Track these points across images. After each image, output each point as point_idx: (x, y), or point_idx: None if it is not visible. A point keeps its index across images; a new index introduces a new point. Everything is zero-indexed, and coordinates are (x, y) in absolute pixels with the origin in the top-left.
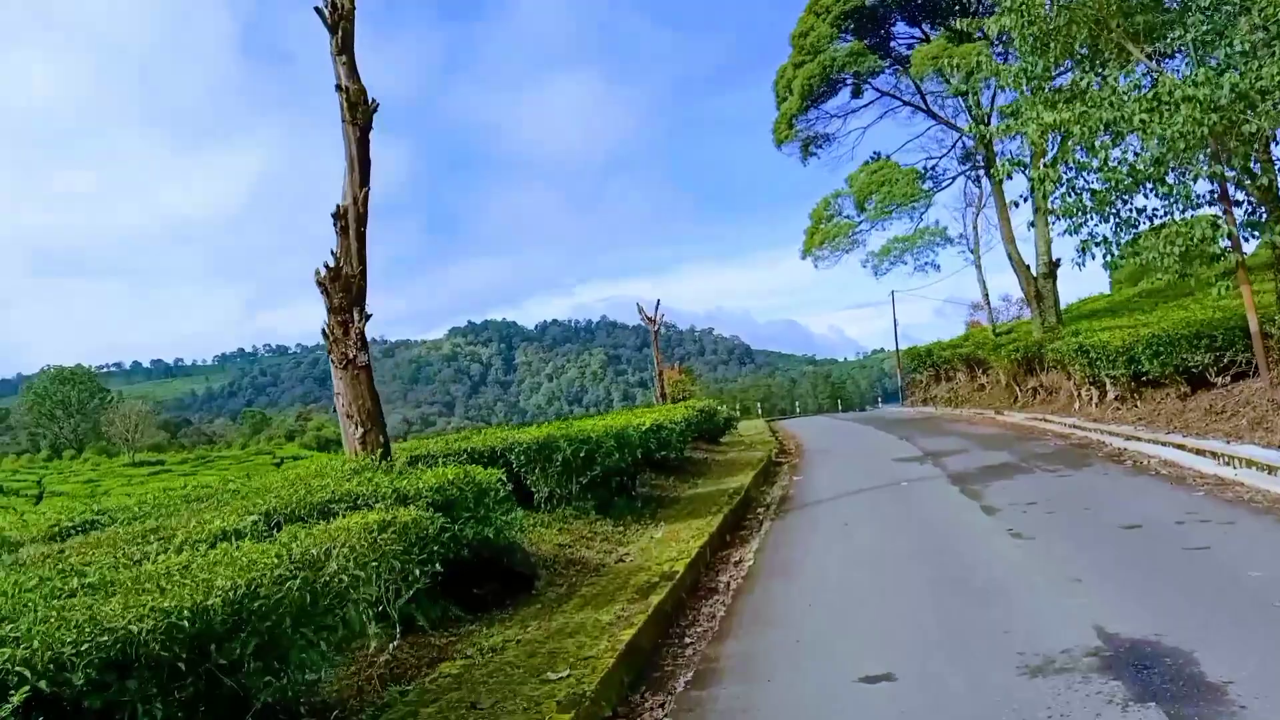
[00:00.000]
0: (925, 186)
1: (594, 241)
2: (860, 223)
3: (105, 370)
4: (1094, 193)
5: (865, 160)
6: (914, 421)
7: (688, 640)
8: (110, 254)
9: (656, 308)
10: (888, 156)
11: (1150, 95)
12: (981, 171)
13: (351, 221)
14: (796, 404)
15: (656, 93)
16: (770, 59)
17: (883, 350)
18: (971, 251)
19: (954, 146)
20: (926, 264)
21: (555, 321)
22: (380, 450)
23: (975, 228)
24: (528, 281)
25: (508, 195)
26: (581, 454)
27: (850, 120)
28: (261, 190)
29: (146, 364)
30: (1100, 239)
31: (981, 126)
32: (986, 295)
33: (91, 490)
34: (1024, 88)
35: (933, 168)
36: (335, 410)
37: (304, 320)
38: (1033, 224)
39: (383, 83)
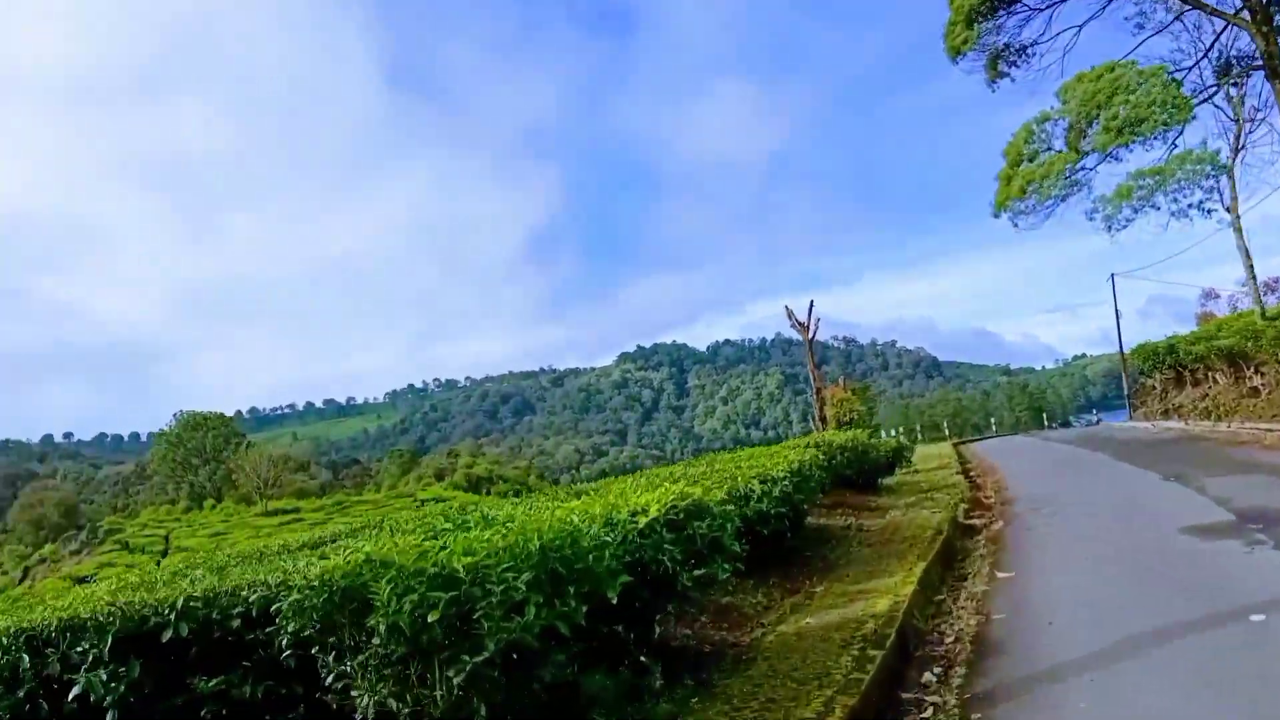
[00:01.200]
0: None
1: (763, 255)
2: (1084, 157)
3: (279, 413)
4: None
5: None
6: (1167, 445)
7: None
8: (274, 297)
9: (810, 312)
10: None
11: None
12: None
13: None
14: (992, 420)
15: (819, 96)
16: (928, 54)
17: (1085, 356)
18: (1227, 209)
19: (1208, 51)
20: (1188, 207)
21: (728, 342)
22: None
23: (1232, 174)
24: (697, 301)
25: (671, 213)
26: (425, 619)
27: (1055, 21)
28: (419, 225)
29: (319, 404)
30: None
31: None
32: (1251, 265)
33: (217, 544)
34: None
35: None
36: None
37: (471, 353)
38: None
39: (537, 107)
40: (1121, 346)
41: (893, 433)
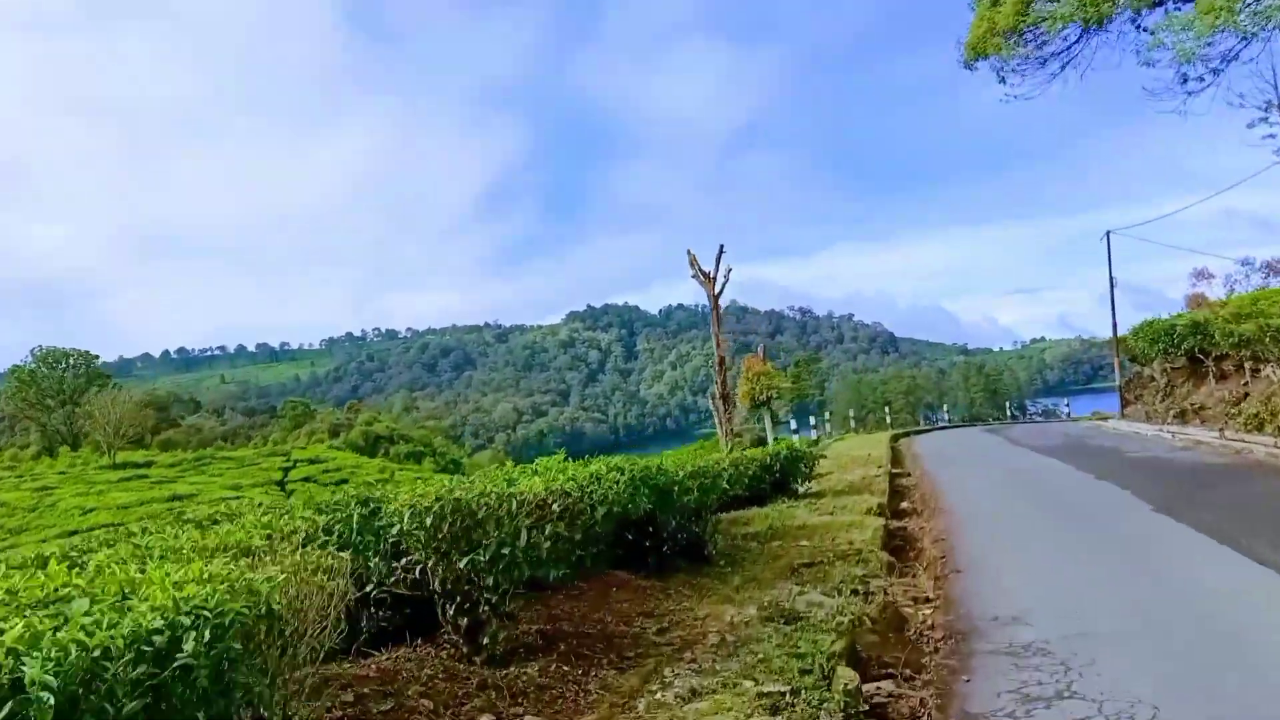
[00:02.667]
0: None
1: (725, 222)
2: None
3: (208, 354)
4: None
5: None
6: (1245, 482)
7: None
8: (216, 239)
9: (718, 259)
10: None
11: None
12: None
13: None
14: (944, 405)
15: (789, 65)
16: (913, 28)
17: (1044, 339)
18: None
19: None
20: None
21: (680, 306)
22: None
23: None
24: (653, 265)
25: (632, 174)
26: None
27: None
28: (371, 174)
29: (252, 348)
30: None
31: None
32: None
33: (38, 501)
34: None
35: None
36: None
37: (418, 306)
38: None
39: (500, 58)
40: (1115, 323)
41: (848, 416)
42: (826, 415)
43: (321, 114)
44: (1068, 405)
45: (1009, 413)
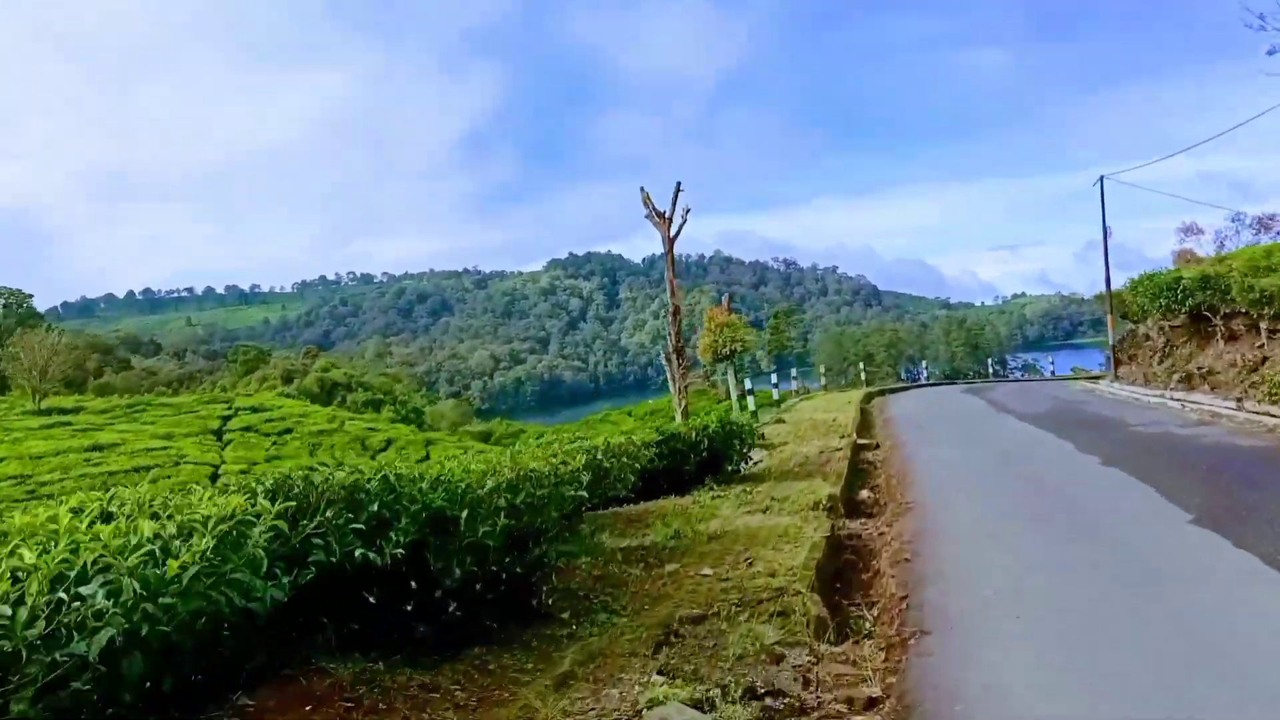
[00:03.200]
0: None
1: (710, 174)
2: None
3: (175, 296)
4: None
5: None
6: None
7: None
8: (186, 180)
9: (675, 199)
10: None
11: None
12: None
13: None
14: (925, 361)
15: (774, 17)
16: None
17: (1024, 295)
18: None
19: None
20: None
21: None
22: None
23: None
24: (635, 215)
25: (615, 123)
26: None
27: None
28: (349, 116)
29: (221, 290)
30: None
31: None
32: None
33: None
34: None
35: None
36: None
37: (396, 251)
38: None
39: (480, 4)
40: (1108, 275)
41: (821, 372)
42: (792, 373)
43: (297, 54)
44: (1052, 363)
45: (990, 369)
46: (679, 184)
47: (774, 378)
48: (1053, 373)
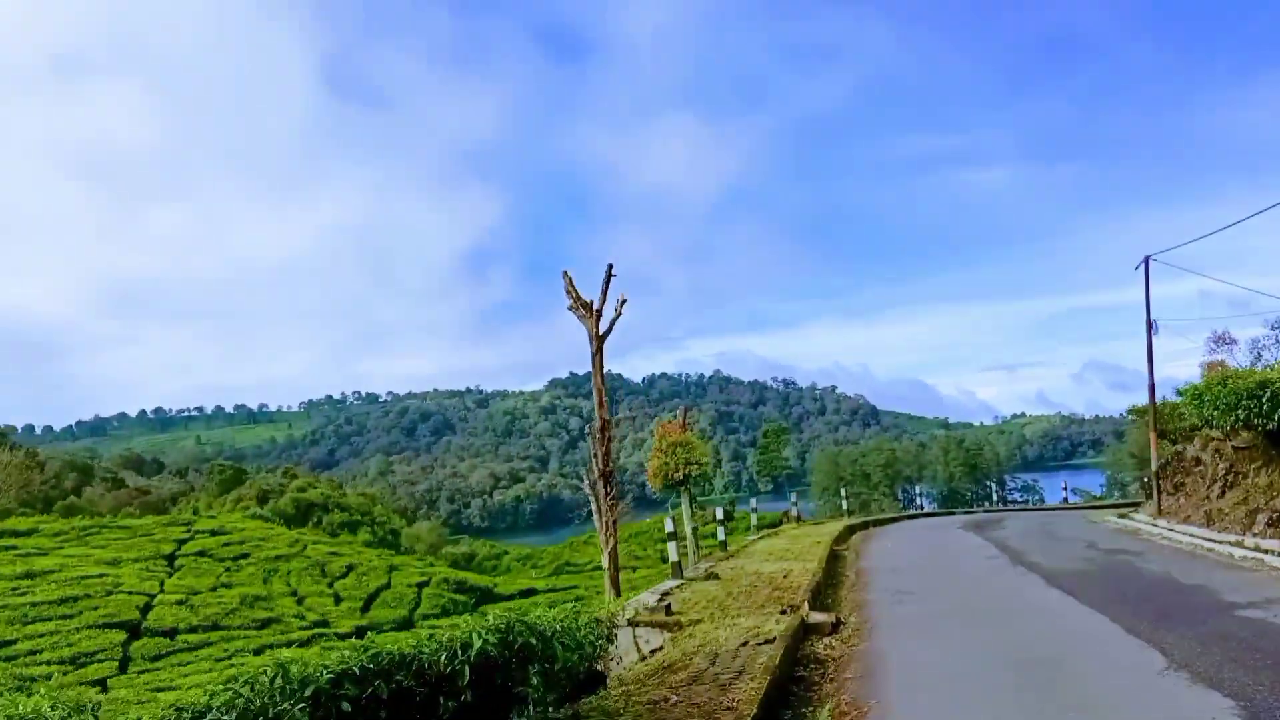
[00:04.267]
0: None
1: (706, 293)
2: None
3: (185, 415)
4: None
5: None
6: None
7: None
8: (194, 299)
9: (606, 285)
10: None
11: None
12: None
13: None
14: (920, 490)
15: (771, 139)
16: (896, 103)
17: (1024, 415)
18: None
19: None
20: None
21: (664, 375)
22: None
23: None
24: (635, 334)
25: (612, 241)
26: None
27: None
28: (350, 235)
29: (230, 409)
30: None
31: None
32: None
33: None
34: None
35: None
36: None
37: (398, 370)
38: None
39: (479, 123)
40: (1152, 381)
41: (794, 502)
42: (792, 497)
43: (300, 174)
44: (1065, 489)
45: (992, 492)
46: (610, 267)
47: (753, 502)
48: (1065, 499)
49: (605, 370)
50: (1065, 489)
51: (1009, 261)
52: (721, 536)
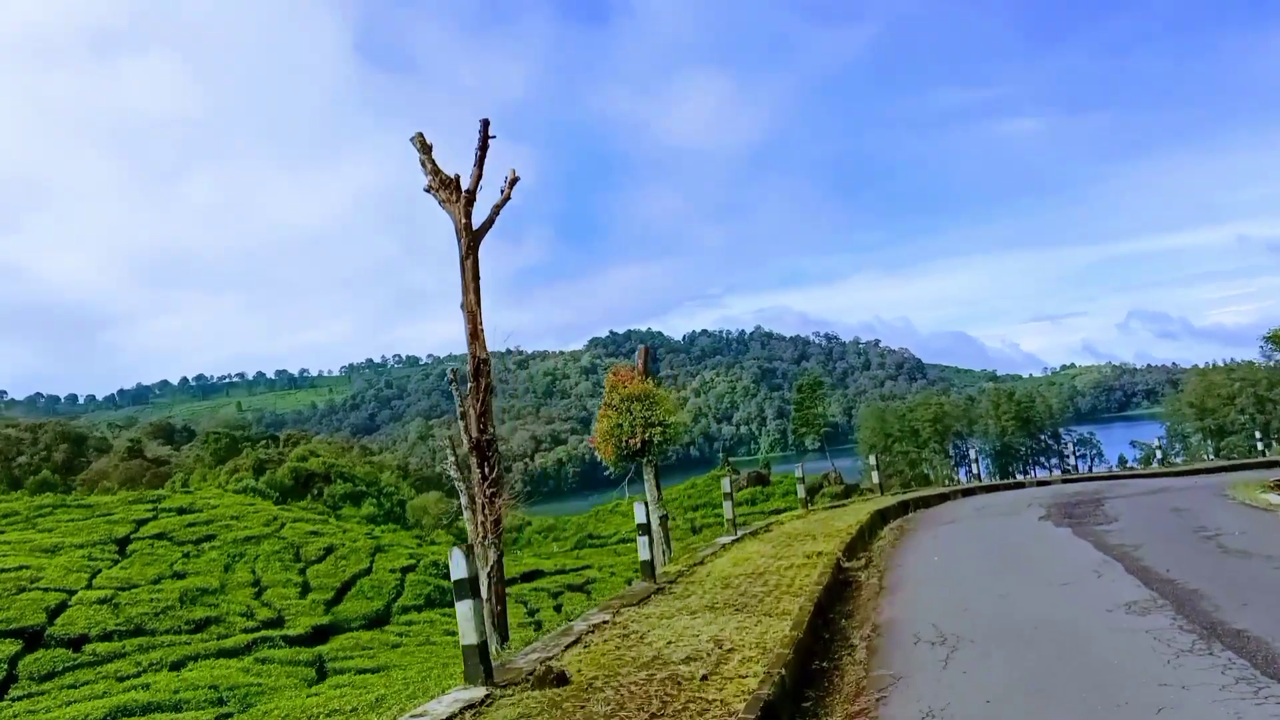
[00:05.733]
0: None
1: (742, 250)
2: None
3: (227, 381)
4: None
5: None
6: None
7: None
8: (234, 266)
9: (482, 146)
10: None
11: None
12: None
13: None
14: (970, 441)
15: (799, 93)
16: (922, 57)
17: (1073, 366)
18: None
19: None
20: None
21: (704, 332)
22: None
23: None
24: (673, 293)
25: (645, 201)
26: None
27: None
28: (384, 199)
29: (271, 375)
30: None
31: None
32: None
33: None
34: None
35: None
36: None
37: (440, 332)
38: None
39: (509, 86)
40: None
41: (870, 464)
42: (831, 466)
43: (332, 141)
44: (1160, 446)
45: (1066, 454)
46: (486, 126)
47: (798, 470)
48: (1161, 459)
49: (646, 327)
50: (1159, 445)
51: (1046, 211)
52: (729, 515)
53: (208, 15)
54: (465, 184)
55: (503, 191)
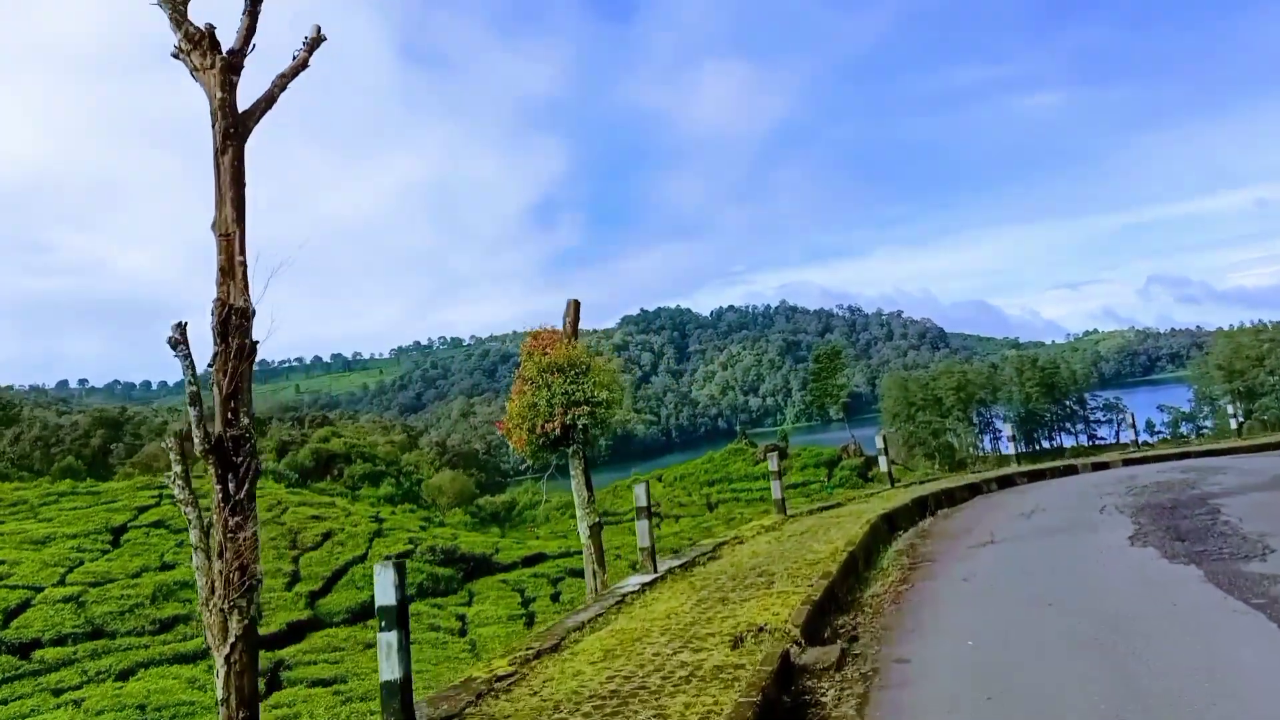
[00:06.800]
0: None
1: (765, 228)
2: None
3: (286, 365)
4: None
5: None
6: None
7: None
8: (290, 256)
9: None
10: None
11: None
12: None
13: None
14: (995, 408)
15: (817, 76)
16: (941, 37)
17: (1096, 332)
18: None
19: None
20: None
21: (731, 308)
22: None
23: None
24: (700, 272)
25: (672, 185)
26: None
27: None
28: (427, 191)
29: (326, 358)
30: None
31: None
32: None
33: None
34: None
35: None
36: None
37: (478, 315)
38: None
39: (538, 79)
40: None
41: (883, 446)
42: (850, 437)
43: (376, 137)
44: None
45: (1129, 425)
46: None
47: (773, 461)
48: (1239, 425)
49: (675, 304)
50: (1237, 411)
51: (1065, 182)
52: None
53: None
54: (231, 44)
55: (296, 56)
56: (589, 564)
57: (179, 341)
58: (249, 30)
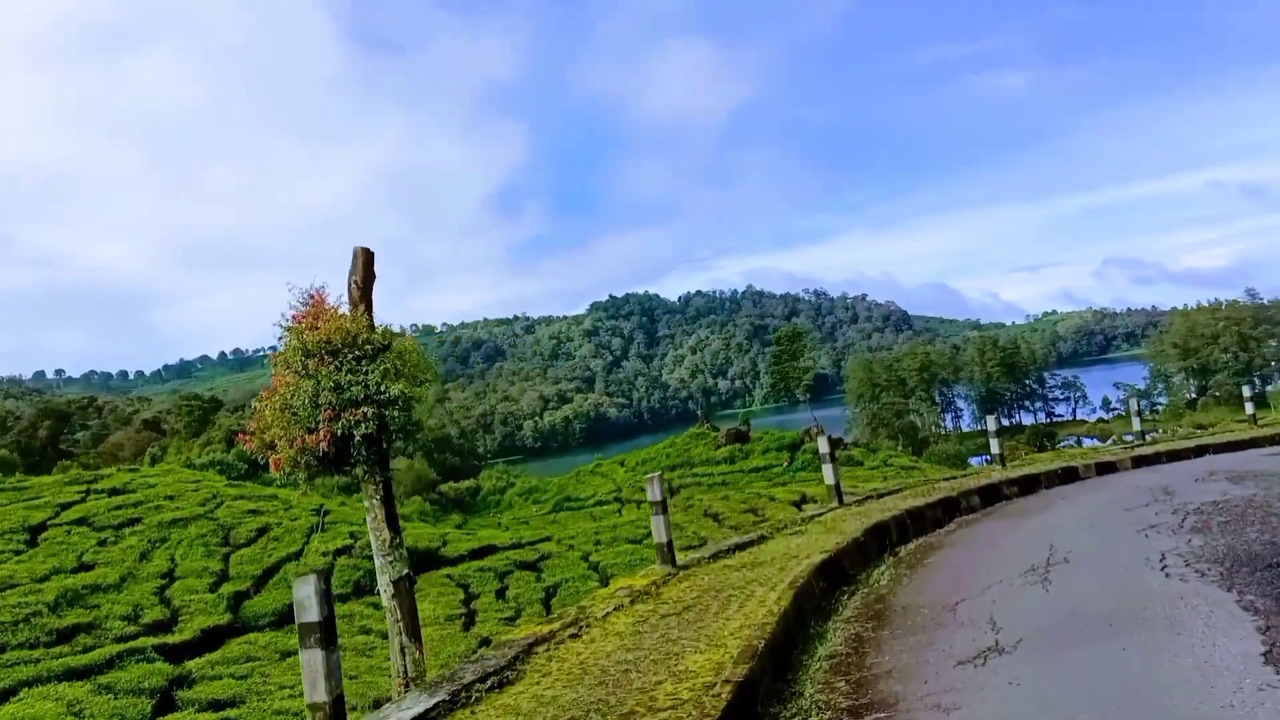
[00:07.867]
0: None
1: (730, 214)
2: None
3: (260, 354)
4: None
5: None
6: None
7: None
8: (256, 247)
9: None
10: None
11: None
12: None
13: None
14: (957, 388)
15: (778, 59)
16: (907, 15)
17: (1054, 312)
18: None
19: None
20: None
21: (699, 293)
22: None
23: None
24: (667, 257)
25: (636, 170)
26: None
27: None
28: (389, 179)
29: None
30: None
31: None
32: None
33: None
34: None
35: None
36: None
37: (448, 304)
38: None
39: (497, 64)
40: None
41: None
42: (813, 419)
43: (337, 125)
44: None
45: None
46: None
47: (655, 489)
48: (1254, 416)
49: (643, 290)
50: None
51: (1026, 165)
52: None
53: (206, 11)
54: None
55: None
56: (394, 635)
57: None
58: None
